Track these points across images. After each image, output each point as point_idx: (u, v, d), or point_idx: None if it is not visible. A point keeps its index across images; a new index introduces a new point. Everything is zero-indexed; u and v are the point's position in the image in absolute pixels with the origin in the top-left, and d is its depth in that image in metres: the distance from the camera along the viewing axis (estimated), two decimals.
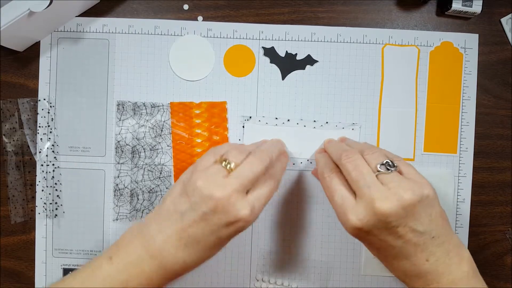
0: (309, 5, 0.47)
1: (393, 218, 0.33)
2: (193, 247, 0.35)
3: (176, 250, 0.34)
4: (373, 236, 0.34)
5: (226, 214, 0.33)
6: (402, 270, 0.35)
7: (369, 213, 0.33)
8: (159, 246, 0.34)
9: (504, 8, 0.47)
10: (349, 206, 0.34)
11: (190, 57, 0.47)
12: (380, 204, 0.33)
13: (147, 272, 0.34)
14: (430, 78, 0.47)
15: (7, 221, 0.47)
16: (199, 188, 0.34)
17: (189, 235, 0.34)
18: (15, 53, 0.46)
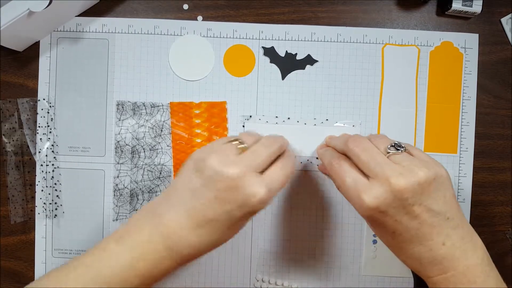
0: (309, 5, 0.47)
1: (409, 194, 0.32)
2: (205, 228, 0.33)
3: (188, 231, 0.33)
4: (389, 218, 0.33)
5: (240, 192, 0.32)
6: (417, 257, 0.34)
7: (385, 190, 0.32)
8: (170, 226, 0.33)
9: (504, 8, 0.47)
10: (363, 187, 0.33)
11: (190, 57, 0.46)
12: (395, 180, 0.32)
13: (157, 253, 0.33)
14: (430, 78, 0.47)
15: (7, 221, 0.47)
16: (211, 165, 0.33)
17: (201, 214, 0.33)
18: (15, 53, 0.46)
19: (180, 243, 0.33)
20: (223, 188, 0.32)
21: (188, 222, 0.33)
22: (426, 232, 0.33)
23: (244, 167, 0.33)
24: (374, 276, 0.47)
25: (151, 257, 0.32)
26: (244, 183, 0.32)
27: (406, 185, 0.32)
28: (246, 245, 0.47)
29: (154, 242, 0.32)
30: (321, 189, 0.47)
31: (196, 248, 0.33)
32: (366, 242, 0.47)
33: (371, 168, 0.33)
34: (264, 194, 0.32)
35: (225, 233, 0.33)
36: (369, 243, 0.47)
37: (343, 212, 0.47)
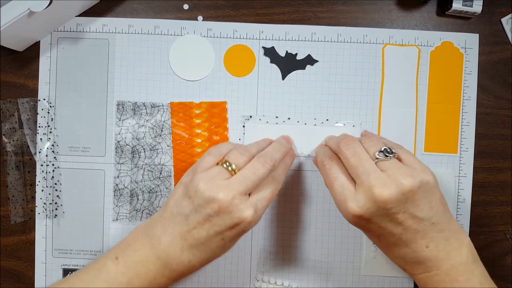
0: (309, 5, 0.47)
1: (392, 204, 0.32)
2: (198, 248, 0.35)
3: (182, 251, 0.35)
4: (373, 224, 0.34)
5: (229, 215, 0.34)
6: (402, 257, 0.35)
7: (368, 200, 0.33)
8: (165, 247, 0.35)
9: (504, 8, 0.47)
10: (348, 194, 0.34)
11: (190, 57, 0.46)
12: (379, 191, 0.32)
13: (152, 272, 0.34)
14: (430, 78, 0.47)
15: (7, 221, 0.47)
16: (201, 190, 0.34)
17: (194, 237, 0.34)
18: (15, 53, 0.46)
19: (174, 262, 0.35)
20: (213, 213, 0.34)
21: (183, 243, 0.35)
22: (410, 237, 0.34)
23: (232, 191, 0.34)
24: (374, 276, 0.47)
25: (146, 276, 0.34)
26: (233, 208, 0.34)
27: (389, 196, 0.32)
28: (246, 245, 0.47)
29: (149, 262, 0.34)
30: (321, 189, 0.47)
31: (190, 266, 0.35)
32: (366, 242, 0.47)
33: (358, 174, 0.34)
34: (251, 217, 0.34)
35: (217, 251, 0.35)
36: (369, 243, 0.47)
37: None
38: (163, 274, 0.35)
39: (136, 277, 0.34)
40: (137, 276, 0.34)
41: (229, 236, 0.35)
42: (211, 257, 0.36)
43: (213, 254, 0.36)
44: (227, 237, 0.35)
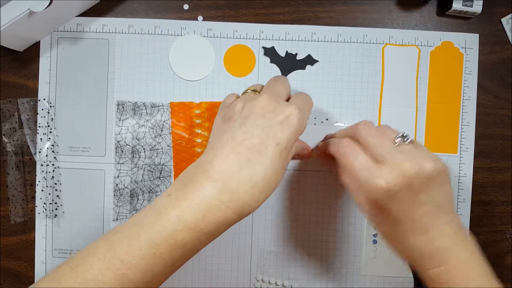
0: (309, 5, 0.47)
1: (417, 182, 0.33)
2: (256, 159, 0.32)
3: (240, 168, 0.31)
4: (396, 204, 0.33)
5: (274, 112, 0.33)
6: (418, 247, 0.34)
7: (396, 176, 0.33)
8: (219, 167, 0.32)
9: (504, 8, 0.47)
10: (374, 170, 0.34)
11: (190, 57, 0.46)
12: (406, 167, 0.33)
13: (208, 197, 0.31)
14: (430, 78, 0.47)
15: (7, 221, 0.47)
16: (239, 106, 0.34)
17: (247, 147, 0.32)
18: (15, 53, 0.46)
19: (234, 182, 0.31)
20: (258, 116, 0.33)
21: (238, 158, 0.32)
22: (428, 222, 0.33)
23: (269, 97, 0.34)
24: (374, 276, 0.47)
25: (203, 203, 0.31)
26: (276, 106, 0.33)
27: (416, 173, 0.33)
28: (246, 245, 0.47)
29: (205, 189, 0.31)
30: (321, 189, 0.47)
31: (253, 184, 0.32)
32: (366, 242, 0.47)
33: (382, 154, 0.34)
34: (296, 110, 0.33)
35: (277, 164, 0.32)
36: (369, 243, 0.47)
37: (343, 212, 0.47)
38: (222, 201, 0.31)
39: (192, 210, 0.31)
40: (193, 210, 0.31)
41: (283, 140, 0.32)
42: (272, 174, 0.32)
43: (274, 170, 0.32)
44: (281, 140, 0.32)
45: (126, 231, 0.31)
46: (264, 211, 0.47)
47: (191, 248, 0.31)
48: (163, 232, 0.30)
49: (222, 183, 0.31)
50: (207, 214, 0.31)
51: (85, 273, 0.30)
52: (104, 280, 0.30)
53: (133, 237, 0.31)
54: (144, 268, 0.30)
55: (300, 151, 0.41)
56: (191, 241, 0.31)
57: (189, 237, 0.31)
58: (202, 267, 0.47)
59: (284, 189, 0.47)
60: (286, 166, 0.34)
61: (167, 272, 0.32)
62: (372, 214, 0.36)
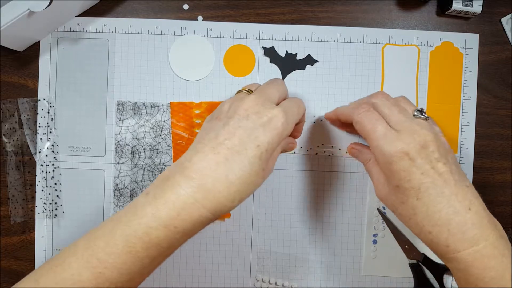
0: (309, 5, 0.47)
1: (435, 147, 0.34)
2: (235, 159, 0.32)
3: (217, 167, 0.31)
4: (416, 169, 0.33)
5: (258, 115, 0.33)
6: (446, 221, 0.32)
7: (414, 139, 0.34)
8: (196, 165, 0.32)
9: (504, 8, 0.47)
10: (394, 135, 0.34)
11: (190, 57, 0.46)
12: (424, 133, 0.34)
13: (183, 195, 0.31)
14: (430, 78, 0.47)
15: (7, 221, 0.47)
16: (226, 107, 0.35)
17: (227, 146, 0.32)
18: (15, 53, 0.46)
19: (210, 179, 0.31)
20: (242, 118, 0.33)
21: (216, 158, 0.32)
22: (451, 192, 0.33)
23: (256, 98, 0.34)
24: (374, 276, 0.47)
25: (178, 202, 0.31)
26: (260, 108, 0.33)
27: (432, 140, 0.34)
28: (246, 245, 0.47)
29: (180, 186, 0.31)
30: (321, 189, 0.47)
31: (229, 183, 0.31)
32: (366, 242, 0.47)
33: (401, 122, 0.35)
34: (281, 114, 0.33)
35: (256, 166, 0.32)
36: (369, 243, 0.47)
37: (343, 212, 0.47)
38: (196, 199, 0.31)
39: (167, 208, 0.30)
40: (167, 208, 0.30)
41: (264, 142, 0.32)
42: (250, 175, 0.32)
43: (252, 171, 0.32)
44: (262, 143, 0.32)
45: (104, 230, 0.31)
46: (264, 211, 0.47)
47: (167, 247, 0.31)
48: (138, 230, 0.30)
49: (198, 181, 0.31)
50: (181, 212, 0.31)
51: (63, 272, 0.30)
52: (81, 279, 0.30)
53: (110, 235, 0.31)
54: (120, 267, 0.30)
55: (285, 146, 0.40)
56: (166, 239, 0.31)
57: (164, 235, 0.31)
58: (202, 267, 0.47)
59: (284, 189, 0.47)
60: (269, 169, 0.34)
61: (144, 271, 0.32)
62: (393, 194, 0.35)
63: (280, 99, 0.37)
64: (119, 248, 0.30)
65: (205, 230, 0.46)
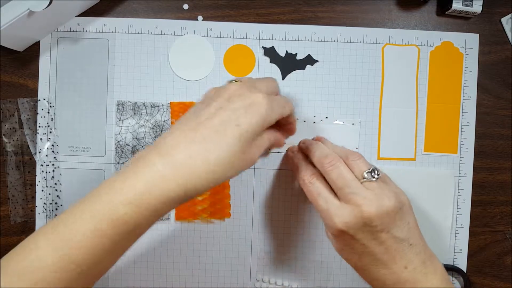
0: (309, 5, 0.47)
1: (378, 222, 0.34)
2: (212, 138, 0.31)
3: (192, 144, 0.31)
4: (357, 241, 0.35)
5: (240, 97, 0.33)
6: (382, 279, 0.36)
7: (355, 216, 0.34)
8: (171, 142, 0.31)
9: (504, 8, 0.47)
10: (334, 209, 0.35)
11: (190, 57, 0.46)
12: (366, 208, 0.34)
13: (153, 170, 0.30)
14: (430, 78, 0.47)
15: (7, 221, 0.47)
16: (212, 92, 0.35)
17: (206, 125, 0.31)
18: (15, 53, 0.46)
19: (182, 156, 0.30)
20: (224, 101, 0.33)
21: (192, 135, 0.31)
22: (390, 257, 0.35)
23: (241, 84, 0.34)
24: None
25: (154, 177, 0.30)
26: (244, 92, 0.33)
27: (376, 213, 0.34)
28: (246, 245, 0.47)
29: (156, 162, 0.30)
30: None
31: (205, 160, 0.30)
32: None
33: (345, 193, 0.35)
34: (263, 99, 0.33)
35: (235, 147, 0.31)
36: None
37: None
38: (166, 175, 0.30)
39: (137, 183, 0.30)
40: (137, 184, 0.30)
41: (245, 123, 0.32)
42: (228, 156, 0.31)
43: (230, 151, 0.31)
44: (243, 123, 0.31)
45: (73, 209, 0.31)
46: (264, 211, 0.47)
47: (134, 224, 0.30)
48: (106, 206, 0.29)
49: (171, 157, 0.30)
50: (151, 187, 0.30)
51: (29, 256, 0.29)
52: (46, 260, 0.29)
53: (78, 214, 0.30)
54: (85, 246, 0.29)
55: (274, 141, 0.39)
56: (134, 216, 0.30)
57: (132, 212, 0.29)
58: (202, 267, 0.47)
59: (285, 189, 0.47)
60: (251, 155, 0.33)
61: (112, 254, 0.31)
62: (338, 247, 0.37)
63: (268, 93, 0.36)
64: (85, 226, 0.29)
65: (205, 230, 0.47)
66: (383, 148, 0.47)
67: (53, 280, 0.29)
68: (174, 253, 0.47)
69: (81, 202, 0.31)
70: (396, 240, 0.35)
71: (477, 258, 0.47)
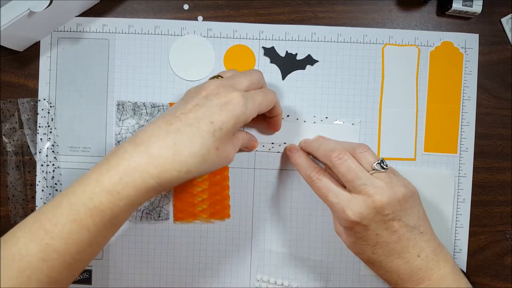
0: (309, 5, 0.47)
1: (390, 210, 0.35)
2: (185, 131, 0.32)
3: (166, 135, 0.32)
4: (371, 231, 0.35)
5: (217, 96, 0.34)
6: (396, 269, 0.36)
7: (368, 206, 0.35)
8: (146, 133, 0.32)
9: (504, 8, 0.47)
10: (346, 202, 0.36)
11: (190, 57, 0.46)
12: (378, 197, 0.34)
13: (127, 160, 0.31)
14: (430, 78, 0.47)
15: (7, 221, 0.47)
16: (192, 90, 0.35)
17: (181, 119, 0.32)
18: (15, 53, 0.46)
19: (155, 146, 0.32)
20: (201, 98, 0.34)
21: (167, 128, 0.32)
22: (403, 245, 0.35)
23: (221, 81, 0.35)
24: (374, 276, 0.47)
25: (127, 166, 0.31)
26: (220, 91, 0.34)
27: (388, 202, 0.35)
28: (246, 245, 0.47)
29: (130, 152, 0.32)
30: None
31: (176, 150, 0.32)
32: None
33: (356, 186, 0.36)
34: (240, 98, 0.34)
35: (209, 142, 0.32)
36: None
37: None
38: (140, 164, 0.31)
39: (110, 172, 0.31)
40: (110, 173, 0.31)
41: (219, 121, 0.33)
42: (201, 149, 0.32)
43: (203, 145, 0.32)
44: (217, 121, 0.32)
45: (53, 202, 0.32)
46: (264, 211, 0.47)
47: (110, 214, 0.31)
48: (82, 196, 0.31)
49: (144, 147, 0.31)
50: (124, 176, 0.31)
51: (11, 247, 0.30)
52: (28, 252, 0.30)
53: (57, 205, 0.31)
54: (67, 236, 0.30)
55: (247, 142, 0.41)
56: (109, 206, 0.31)
57: (107, 201, 0.31)
58: (202, 267, 0.47)
59: (284, 189, 0.47)
60: (225, 153, 0.34)
61: (93, 242, 0.31)
62: (350, 241, 0.38)
63: (250, 88, 0.37)
64: (65, 216, 0.30)
65: (205, 230, 0.47)
66: (383, 148, 0.47)
67: (38, 269, 0.30)
68: (174, 253, 0.47)
69: (60, 195, 0.32)
70: (408, 229, 0.35)
71: (477, 258, 0.47)
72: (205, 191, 0.46)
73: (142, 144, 0.32)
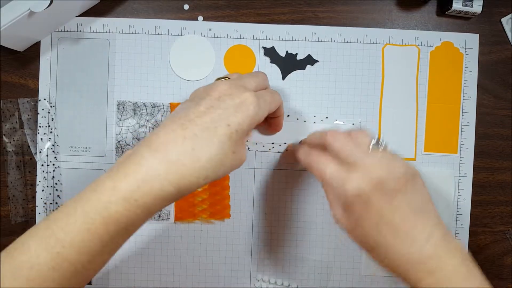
0: (309, 5, 0.47)
1: (390, 185, 0.32)
2: (203, 135, 0.31)
3: (183, 140, 0.31)
4: (371, 207, 0.33)
5: (230, 96, 0.33)
6: (405, 256, 0.33)
7: (367, 179, 0.32)
8: (162, 139, 0.31)
9: (504, 8, 0.47)
10: (345, 176, 0.33)
11: (190, 57, 0.47)
12: (376, 169, 0.32)
13: (145, 167, 0.30)
14: (430, 78, 0.47)
15: (7, 221, 0.47)
16: (201, 90, 0.34)
17: (197, 123, 0.31)
18: (15, 53, 0.46)
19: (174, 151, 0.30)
20: (214, 100, 0.33)
21: (183, 133, 0.31)
22: (409, 228, 0.32)
23: (230, 82, 0.34)
24: (374, 276, 0.47)
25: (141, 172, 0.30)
26: (233, 91, 0.33)
27: (387, 175, 0.32)
28: (246, 245, 0.47)
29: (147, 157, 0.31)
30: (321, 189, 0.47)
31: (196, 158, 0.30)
32: None
33: (352, 160, 0.33)
34: (253, 99, 0.33)
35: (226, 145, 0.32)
36: None
37: None
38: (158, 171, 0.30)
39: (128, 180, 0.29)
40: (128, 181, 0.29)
41: (235, 123, 0.32)
42: (219, 153, 0.31)
43: (221, 149, 0.31)
44: (233, 123, 0.32)
45: (64, 209, 0.30)
46: (264, 211, 0.47)
47: (126, 222, 0.30)
48: (97, 205, 0.29)
49: (162, 153, 0.30)
50: (142, 184, 0.30)
51: (21, 256, 0.29)
52: (39, 260, 0.29)
53: (70, 213, 0.30)
54: (79, 245, 0.29)
55: None
56: (125, 214, 0.29)
57: (123, 209, 0.29)
58: (202, 267, 0.47)
59: (284, 189, 0.47)
60: (240, 155, 0.33)
61: (105, 251, 0.31)
62: (351, 224, 0.35)
63: (257, 89, 0.36)
64: (78, 225, 0.29)
65: (205, 230, 0.47)
66: None
67: (48, 278, 0.29)
68: (174, 253, 0.47)
69: (73, 201, 0.31)
70: (412, 210, 0.33)
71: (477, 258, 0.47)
72: (205, 191, 0.46)
73: (159, 150, 0.30)
